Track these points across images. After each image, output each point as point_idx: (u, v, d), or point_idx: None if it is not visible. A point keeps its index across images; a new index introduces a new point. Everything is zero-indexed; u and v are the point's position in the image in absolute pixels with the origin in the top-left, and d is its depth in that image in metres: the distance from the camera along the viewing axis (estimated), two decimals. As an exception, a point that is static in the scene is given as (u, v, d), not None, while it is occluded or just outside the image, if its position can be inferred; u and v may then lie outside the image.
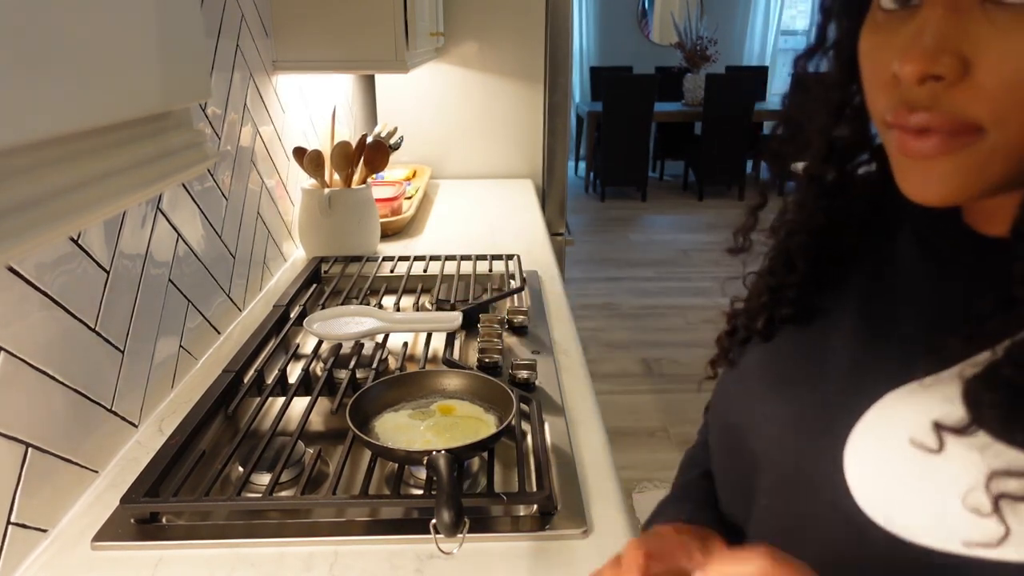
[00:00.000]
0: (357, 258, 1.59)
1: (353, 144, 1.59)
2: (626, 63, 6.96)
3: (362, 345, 1.17)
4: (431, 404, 0.93)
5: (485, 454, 0.86)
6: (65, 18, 0.42)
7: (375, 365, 1.10)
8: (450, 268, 1.52)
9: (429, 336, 1.21)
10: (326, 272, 1.56)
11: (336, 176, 1.61)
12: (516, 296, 1.35)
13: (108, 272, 0.90)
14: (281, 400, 0.99)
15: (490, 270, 1.53)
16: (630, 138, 5.76)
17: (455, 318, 1.20)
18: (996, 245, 0.45)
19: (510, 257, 1.56)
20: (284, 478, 0.85)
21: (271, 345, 1.20)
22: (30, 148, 0.40)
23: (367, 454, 0.87)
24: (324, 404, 1.01)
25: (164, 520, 0.79)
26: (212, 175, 1.24)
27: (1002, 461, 0.39)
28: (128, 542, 0.75)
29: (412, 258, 1.57)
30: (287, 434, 0.92)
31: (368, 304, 1.32)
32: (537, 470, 0.84)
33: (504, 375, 1.08)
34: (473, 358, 1.13)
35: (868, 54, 0.45)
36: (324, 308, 1.29)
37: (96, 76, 0.45)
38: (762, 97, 6.31)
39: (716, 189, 6.38)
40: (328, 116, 1.75)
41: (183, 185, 1.13)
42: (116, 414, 0.91)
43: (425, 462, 0.77)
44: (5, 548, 0.71)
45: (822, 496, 0.47)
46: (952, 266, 0.49)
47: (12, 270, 0.72)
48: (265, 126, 1.51)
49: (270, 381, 1.05)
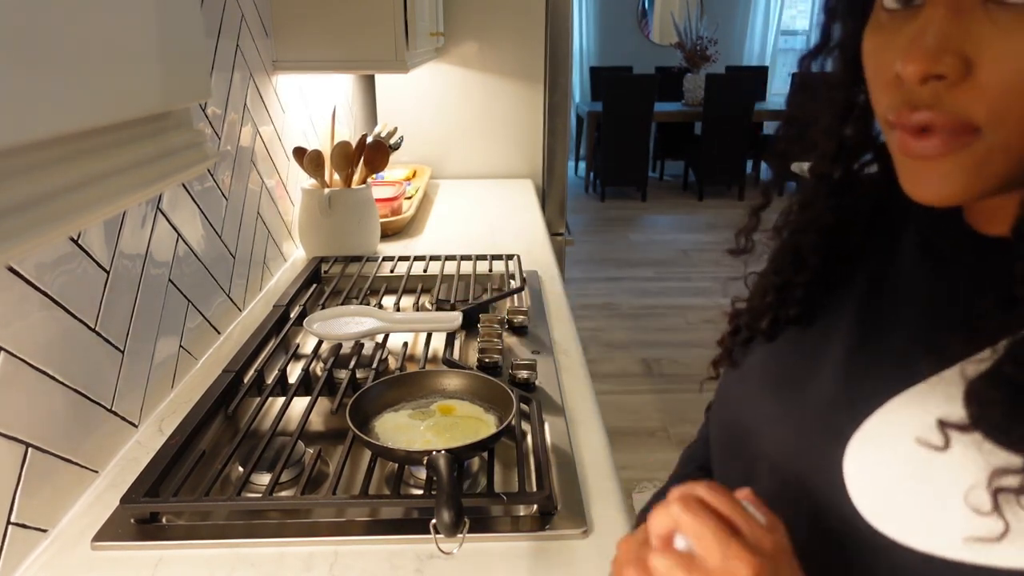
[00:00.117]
0: (357, 258, 1.59)
1: (353, 144, 1.59)
2: (626, 63, 6.96)
3: (362, 345, 1.17)
4: (431, 404, 0.93)
5: (485, 454, 0.86)
6: (65, 18, 0.42)
7: (375, 365, 1.10)
8: (450, 268, 1.52)
9: (429, 336, 1.21)
10: (326, 272, 1.56)
11: (336, 176, 1.61)
12: (516, 296, 1.35)
13: (108, 272, 0.90)
14: (281, 400, 0.99)
15: (490, 270, 1.53)
16: (630, 138, 5.76)
17: (455, 318, 1.20)
18: (998, 245, 0.45)
19: (510, 257, 1.56)
20: (284, 478, 0.85)
21: (271, 345, 1.20)
22: (30, 148, 0.40)
23: (367, 454, 0.87)
24: (324, 404, 1.01)
25: (164, 520, 0.79)
26: (212, 175, 1.24)
27: (1001, 458, 0.39)
28: (128, 542, 0.75)
29: (412, 258, 1.57)
30: (287, 434, 0.92)
31: (368, 304, 1.32)
32: (537, 470, 0.84)
33: (504, 375, 1.08)
34: (473, 358, 1.13)
35: (871, 54, 0.45)
36: (324, 308, 1.29)
37: (96, 76, 0.45)
38: (762, 97, 6.31)
39: (716, 189, 6.38)
40: (328, 116, 1.75)
41: (183, 185, 1.13)
42: (116, 414, 0.91)
43: (425, 462, 0.76)
44: (5, 548, 0.71)
45: (819, 498, 0.47)
46: (953, 266, 0.49)
47: (12, 270, 0.72)
48: (265, 126, 1.51)
49: (270, 381, 1.05)
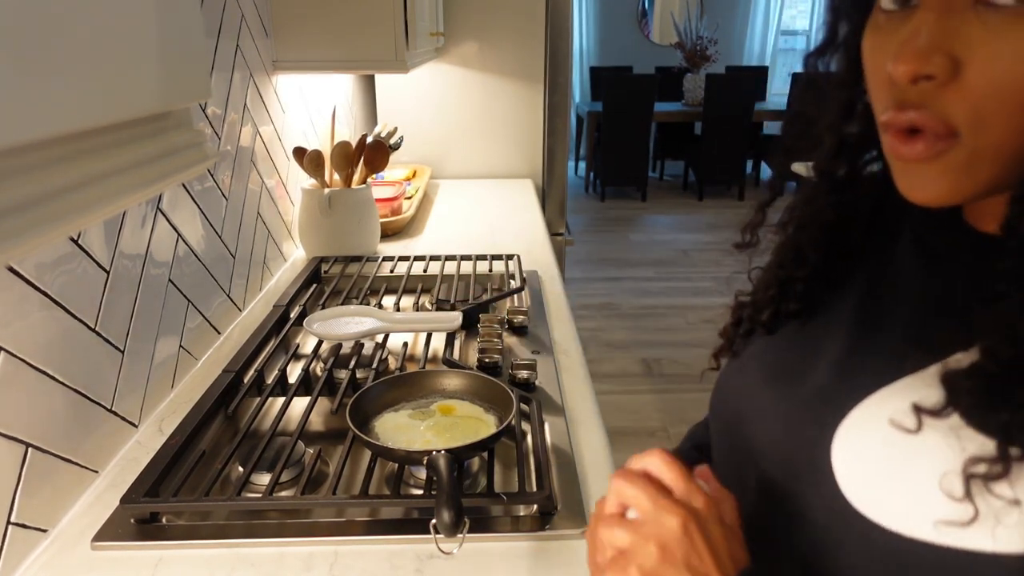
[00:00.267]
0: (357, 258, 1.59)
1: (353, 144, 1.59)
2: (626, 63, 6.96)
3: (362, 345, 1.17)
4: (431, 404, 0.93)
5: (485, 454, 0.86)
6: (65, 18, 0.42)
7: (375, 365, 1.10)
8: (450, 268, 1.52)
9: (429, 336, 1.21)
10: (326, 272, 1.56)
11: (336, 176, 1.61)
12: (516, 296, 1.35)
13: (108, 272, 0.90)
14: (281, 400, 0.99)
15: (490, 270, 1.53)
16: (630, 138, 5.76)
17: (455, 318, 1.20)
18: (992, 242, 0.46)
19: (510, 257, 1.56)
20: (284, 478, 0.85)
21: (271, 345, 1.20)
22: (30, 148, 0.40)
23: (367, 454, 0.87)
24: (324, 404, 1.01)
25: (164, 520, 0.79)
26: (212, 175, 1.24)
27: (975, 445, 0.40)
28: (128, 542, 0.75)
29: (412, 258, 1.57)
30: (287, 434, 0.92)
31: (368, 304, 1.32)
32: (537, 470, 0.84)
33: (504, 375, 1.08)
34: (473, 358, 1.13)
35: (869, 54, 0.46)
36: (324, 308, 1.29)
37: (96, 76, 0.45)
38: (762, 97, 6.31)
39: (716, 189, 6.38)
40: (328, 116, 1.75)
41: (183, 185, 1.13)
42: (116, 414, 0.91)
43: (425, 462, 0.76)
44: (5, 548, 0.71)
45: (809, 485, 0.48)
46: (949, 263, 0.50)
47: (12, 270, 0.72)
48: (265, 126, 1.51)
49: (270, 381, 1.05)
